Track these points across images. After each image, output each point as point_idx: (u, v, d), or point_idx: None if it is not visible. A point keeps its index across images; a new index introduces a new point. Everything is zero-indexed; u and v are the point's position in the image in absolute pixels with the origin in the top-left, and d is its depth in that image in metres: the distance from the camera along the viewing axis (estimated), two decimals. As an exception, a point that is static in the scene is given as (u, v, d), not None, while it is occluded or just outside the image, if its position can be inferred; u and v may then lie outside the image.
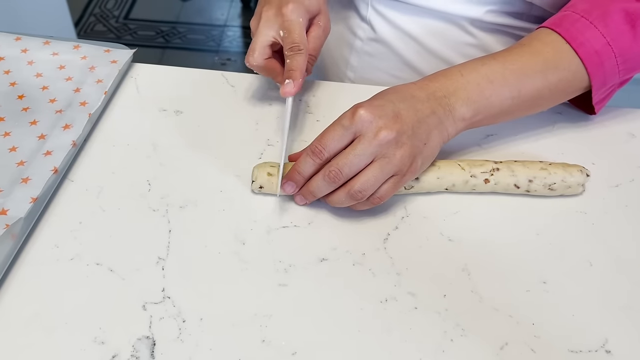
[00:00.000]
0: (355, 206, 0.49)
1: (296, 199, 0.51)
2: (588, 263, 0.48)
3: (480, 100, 0.50)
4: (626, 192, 0.54)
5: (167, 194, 0.51)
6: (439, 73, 0.51)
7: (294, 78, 0.52)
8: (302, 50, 0.52)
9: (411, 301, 0.45)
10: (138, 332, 0.42)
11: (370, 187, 0.46)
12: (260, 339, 0.42)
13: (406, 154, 0.46)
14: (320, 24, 0.56)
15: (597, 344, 0.43)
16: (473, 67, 0.51)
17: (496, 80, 0.50)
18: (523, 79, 0.51)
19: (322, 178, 0.47)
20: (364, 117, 0.46)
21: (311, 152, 0.47)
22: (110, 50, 0.63)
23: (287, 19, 0.53)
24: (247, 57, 0.55)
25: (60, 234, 0.48)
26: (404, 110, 0.47)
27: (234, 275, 0.46)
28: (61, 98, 0.57)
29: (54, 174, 0.50)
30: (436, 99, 0.49)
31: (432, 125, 0.48)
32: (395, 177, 0.47)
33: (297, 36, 0.52)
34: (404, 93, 0.49)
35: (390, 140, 0.46)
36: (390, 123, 0.46)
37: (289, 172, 0.49)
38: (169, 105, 0.60)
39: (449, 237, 0.50)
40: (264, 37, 0.54)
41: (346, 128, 0.46)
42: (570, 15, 0.52)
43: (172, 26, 2.41)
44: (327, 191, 0.48)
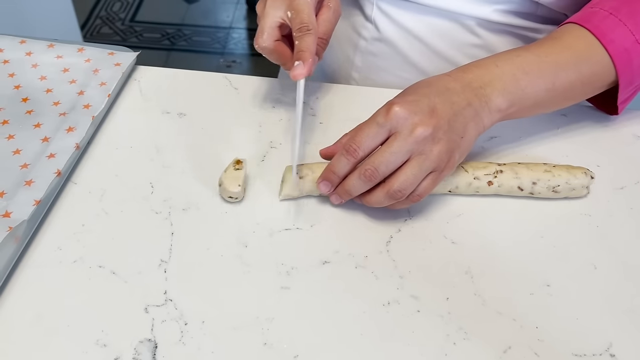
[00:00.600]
0: (394, 205, 0.48)
1: (331, 198, 0.51)
2: (592, 266, 0.48)
3: (516, 91, 0.49)
4: (631, 194, 0.53)
5: (170, 197, 0.52)
6: (473, 64, 0.50)
7: (304, 59, 0.49)
8: (311, 31, 0.49)
9: (414, 304, 0.45)
10: (140, 335, 0.42)
11: (410, 185, 0.46)
12: (262, 342, 0.42)
13: (444, 150, 0.46)
14: (330, 5, 0.54)
15: (602, 347, 0.43)
16: (507, 58, 0.50)
17: (532, 72, 0.49)
18: (557, 71, 0.50)
19: (357, 177, 0.47)
20: (399, 113, 0.45)
21: (345, 151, 0.47)
22: (114, 53, 0.63)
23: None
24: (256, 39, 0.52)
25: (63, 237, 0.48)
26: (439, 104, 0.46)
27: (236, 278, 0.46)
28: (65, 101, 0.58)
29: (57, 176, 0.50)
30: (472, 89, 0.48)
31: (468, 118, 0.47)
32: (433, 173, 0.47)
33: (306, 16, 0.50)
34: (439, 86, 0.48)
35: (427, 137, 0.45)
36: (426, 119, 0.45)
37: (324, 172, 0.49)
38: (172, 108, 0.60)
39: (452, 240, 0.49)
40: (271, 18, 0.51)
41: (381, 125, 0.46)
42: (598, 12, 0.51)
43: (177, 28, 2.41)
44: (363, 190, 0.48)
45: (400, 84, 0.68)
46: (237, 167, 0.50)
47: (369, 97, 0.62)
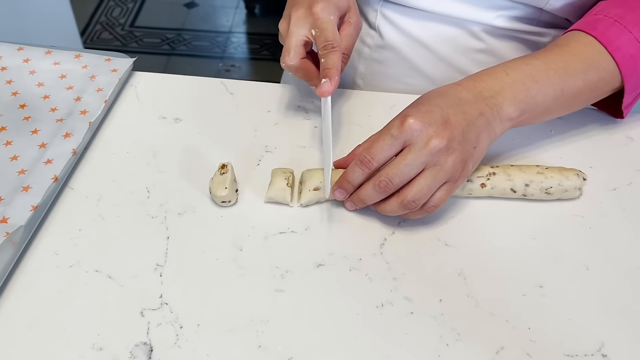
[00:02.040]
0: (409, 215, 0.49)
1: (346, 205, 0.51)
2: (585, 267, 0.48)
3: (526, 99, 0.49)
4: (624, 195, 0.54)
5: (166, 201, 0.52)
6: (484, 72, 0.51)
7: (331, 77, 0.50)
8: (336, 48, 0.51)
9: (407, 306, 0.45)
10: (136, 338, 0.43)
11: (424, 196, 0.46)
12: (256, 344, 0.43)
13: (458, 160, 0.46)
14: (351, 21, 0.55)
15: (594, 348, 0.43)
16: (517, 66, 0.51)
17: (541, 80, 0.50)
18: (566, 78, 0.51)
19: (372, 187, 0.47)
20: (413, 125, 0.45)
21: (360, 162, 0.47)
22: (110, 59, 0.64)
23: (319, 18, 0.51)
24: (283, 57, 0.53)
25: (60, 242, 0.48)
26: (452, 115, 0.46)
27: (231, 281, 0.46)
28: (62, 107, 0.58)
29: (54, 182, 0.51)
30: (483, 99, 0.48)
31: (481, 128, 0.48)
32: (448, 183, 0.47)
33: (330, 34, 0.51)
34: (451, 96, 0.48)
35: (442, 149, 0.45)
36: (440, 130, 0.45)
37: (339, 179, 0.49)
38: (168, 113, 0.61)
39: (445, 242, 0.50)
40: (296, 37, 0.52)
41: (395, 137, 0.46)
42: (603, 19, 0.52)
43: (177, 33, 2.43)
44: (377, 199, 0.48)
45: (405, 90, 0.69)
46: (223, 171, 0.51)
47: (367, 101, 0.63)
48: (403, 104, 0.61)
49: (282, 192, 0.51)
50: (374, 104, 0.62)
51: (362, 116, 0.61)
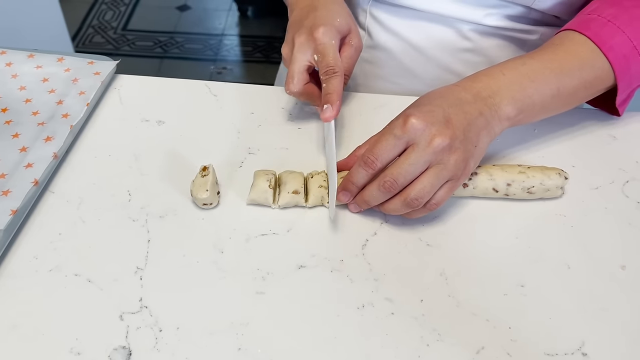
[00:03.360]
0: (411, 214, 0.49)
1: (350, 207, 0.51)
2: (566, 266, 0.48)
3: (523, 98, 0.50)
4: (606, 194, 0.54)
5: (148, 204, 0.52)
6: (481, 73, 0.51)
7: (332, 102, 0.51)
8: (338, 73, 0.52)
9: (388, 307, 0.45)
10: (114, 342, 0.42)
11: (427, 194, 0.46)
12: (236, 347, 0.43)
13: (460, 159, 0.46)
14: (352, 43, 0.56)
15: (574, 346, 0.43)
16: (513, 66, 0.51)
17: (537, 79, 0.50)
18: (562, 77, 0.51)
19: (376, 188, 0.47)
20: (416, 125, 0.46)
21: (363, 163, 0.47)
22: (94, 62, 0.64)
23: (320, 43, 0.53)
24: (287, 85, 0.55)
25: (39, 246, 0.48)
26: (453, 114, 0.47)
27: (211, 284, 0.46)
28: (44, 110, 0.58)
29: (35, 186, 0.50)
30: (482, 99, 0.49)
31: (480, 127, 0.48)
32: (450, 182, 0.47)
33: (331, 59, 0.52)
34: (451, 96, 0.49)
35: (445, 147, 0.45)
36: (442, 129, 0.46)
37: (343, 182, 0.49)
38: (151, 116, 0.61)
39: (427, 242, 0.50)
40: (299, 63, 0.54)
41: (398, 137, 0.46)
42: (597, 19, 0.53)
43: (170, 36, 2.42)
44: (382, 200, 0.48)
45: (396, 90, 0.69)
46: (204, 173, 0.51)
47: (350, 103, 0.63)
48: (390, 104, 0.62)
49: (264, 193, 0.51)
50: (361, 104, 0.62)
51: (351, 116, 0.61)
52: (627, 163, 0.57)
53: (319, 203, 0.51)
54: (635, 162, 0.57)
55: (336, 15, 0.55)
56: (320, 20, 0.54)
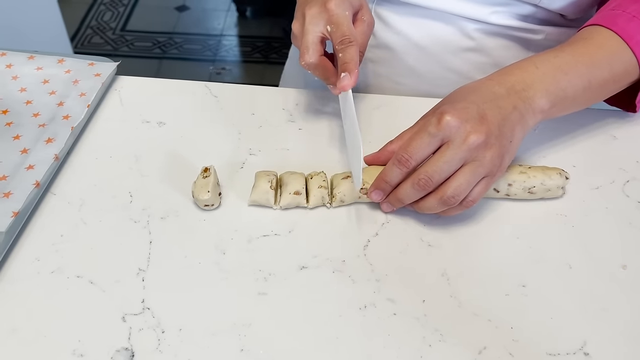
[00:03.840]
0: (447, 211, 0.49)
1: (383, 207, 0.51)
2: (567, 266, 0.48)
3: (557, 91, 0.50)
4: (607, 194, 0.54)
5: (149, 205, 0.52)
6: (513, 66, 0.51)
7: (350, 70, 0.50)
8: (353, 42, 0.51)
9: (390, 307, 0.45)
10: (117, 344, 0.42)
11: (463, 191, 0.46)
12: (239, 348, 0.43)
13: (495, 155, 0.46)
14: (364, 18, 0.55)
15: (576, 346, 0.43)
16: (546, 59, 0.51)
17: (570, 72, 0.51)
18: (593, 70, 0.51)
19: (411, 186, 0.47)
20: (451, 123, 0.45)
21: (397, 162, 0.47)
22: (94, 63, 0.64)
23: (334, 13, 0.52)
24: (302, 56, 0.53)
25: (41, 248, 0.48)
26: (488, 110, 0.47)
27: (213, 285, 0.46)
28: (45, 112, 0.58)
29: (36, 187, 0.50)
30: (516, 92, 0.49)
31: (515, 122, 0.48)
32: (486, 178, 0.47)
33: (347, 29, 0.51)
34: (484, 91, 0.48)
35: (480, 144, 0.45)
36: (477, 126, 0.46)
37: (376, 181, 0.49)
38: (152, 117, 0.61)
39: (428, 243, 0.50)
40: (313, 34, 0.53)
41: (433, 135, 0.46)
42: (622, 14, 0.53)
43: (168, 37, 2.42)
44: (416, 198, 0.48)
45: (398, 89, 0.69)
46: (205, 174, 0.51)
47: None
48: (390, 104, 0.62)
49: (265, 194, 0.51)
50: (360, 104, 0.62)
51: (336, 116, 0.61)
52: (628, 163, 0.57)
53: (319, 203, 0.52)
54: (636, 162, 0.57)
55: None
56: None
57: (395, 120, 0.56)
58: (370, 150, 0.54)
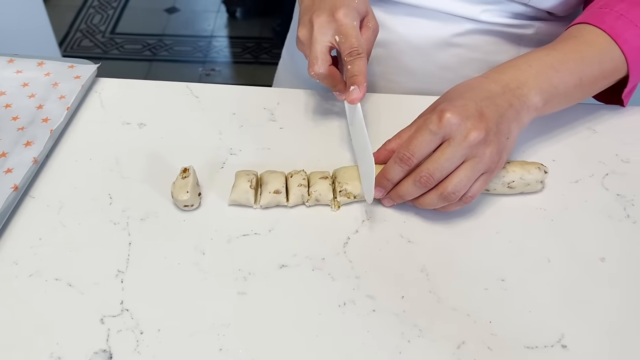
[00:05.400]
0: (446, 207, 0.49)
1: (384, 202, 0.52)
2: (546, 259, 0.48)
3: (549, 89, 0.51)
4: (586, 187, 0.54)
5: (129, 207, 0.52)
6: (507, 64, 0.52)
7: (359, 83, 0.51)
8: (362, 54, 0.51)
9: (370, 304, 0.45)
10: (95, 346, 0.42)
11: (463, 187, 0.47)
12: (217, 347, 0.43)
13: (494, 151, 0.47)
14: (369, 25, 0.56)
15: (554, 339, 0.43)
16: (538, 57, 0.52)
17: (562, 70, 0.51)
18: (584, 67, 0.52)
19: (412, 183, 0.48)
20: (451, 120, 0.46)
21: (399, 160, 0.48)
22: (74, 66, 0.64)
23: (342, 24, 0.52)
24: (311, 66, 0.53)
25: (19, 251, 0.48)
26: (485, 107, 0.47)
27: (193, 285, 0.46)
28: (24, 115, 0.58)
29: (14, 191, 0.50)
30: (511, 90, 0.49)
31: (511, 119, 0.48)
32: (485, 174, 0.48)
33: (355, 40, 0.51)
34: (480, 89, 0.49)
35: (480, 141, 0.46)
36: (477, 123, 0.46)
37: (377, 178, 0.50)
38: (132, 119, 0.60)
39: (408, 239, 0.50)
40: (321, 44, 0.53)
41: (434, 133, 0.47)
42: (609, 12, 0.54)
43: (158, 39, 2.42)
44: (417, 194, 0.49)
45: (391, 87, 0.70)
46: (184, 175, 0.51)
47: (329, 102, 0.63)
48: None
49: (245, 194, 0.51)
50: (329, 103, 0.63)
51: (316, 116, 0.61)
52: (607, 156, 0.57)
53: (299, 202, 0.52)
54: (615, 155, 0.57)
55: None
56: (340, 2, 0.53)
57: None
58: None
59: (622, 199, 0.53)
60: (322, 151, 0.57)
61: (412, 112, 0.53)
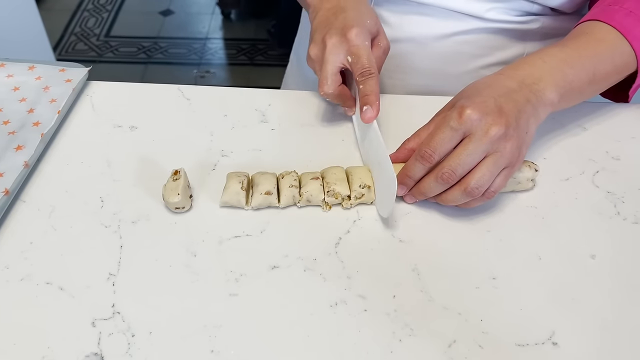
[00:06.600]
0: (469, 203, 0.50)
1: (406, 199, 0.52)
2: (537, 257, 0.49)
3: (564, 84, 0.51)
4: (576, 184, 0.54)
5: (120, 210, 0.52)
6: (521, 61, 0.52)
7: (371, 103, 0.51)
8: (374, 74, 0.52)
9: (361, 304, 0.45)
10: (86, 349, 0.42)
11: (486, 182, 0.47)
12: (209, 349, 0.43)
13: (515, 146, 0.47)
14: (380, 44, 0.57)
15: (544, 336, 0.43)
16: (552, 53, 0.52)
17: (575, 65, 0.52)
18: (596, 63, 0.53)
19: (434, 180, 0.48)
20: (472, 116, 0.46)
21: (420, 157, 0.48)
22: (65, 69, 0.64)
23: (354, 44, 0.53)
24: (321, 86, 0.54)
25: (10, 255, 0.48)
26: (504, 103, 0.48)
27: (184, 287, 0.46)
28: (14, 119, 0.58)
29: (5, 195, 0.50)
30: (527, 86, 0.50)
31: (529, 114, 0.49)
32: (506, 169, 0.48)
33: (367, 61, 0.52)
34: (498, 86, 0.50)
35: (501, 136, 0.46)
36: (497, 118, 0.47)
37: (399, 176, 0.50)
38: (124, 122, 0.60)
39: (399, 239, 0.50)
40: (333, 65, 0.53)
41: (455, 129, 0.47)
42: (619, 10, 0.54)
43: (153, 41, 2.42)
44: (439, 191, 0.49)
45: (395, 85, 0.70)
46: (175, 177, 0.51)
47: (320, 102, 0.63)
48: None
49: (236, 195, 0.51)
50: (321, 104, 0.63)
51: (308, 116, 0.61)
52: (597, 153, 0.57)
53: (291, 203, 0.52)
54: (605, 153, 0.58)
55: (366, 17, 0.55)
56: (352, 22, 0.53)
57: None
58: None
59: (612, 196, 0.54)
60: (313, 152, 0.57)
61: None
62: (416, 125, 0.53)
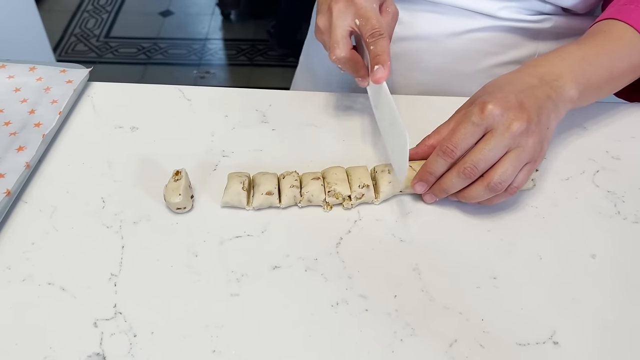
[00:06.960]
0: (492, 199, 0.50)
1: (425, 198, 0.52)
2: (538, 257, 0.49)
3: (584, 81, 0.51)
4: (577, 184, 0.55)
5: (121, 210, 0.52)
6: (540, 59, 0.53)
7: (383, 62, 0.50)
8: (384, 34, 0.51)
9: (362, 303, 0.45)
10: (88, 350, 0.42)
11: (509, 177, 0.47)
12: (211, 349, 0.43)
13: (537, 141, 0.48)
14: (388, 10, 0.55)
15: (545, 336, 0.43)
16: (570, 51, 0.53)
17: (594, 63, 0.52)
18: (614, 61, 0.53)
19: (456, 175, 0.48)
20: (494, 111, 0.47)
21: (442, 153, 0.48)
22: (66, 70, 0.64)
23: (361, 7, 0.51)
24: (333, 51, 0.52)
25: (12, 256, 0.48)
26: (525, 99, 0.48)
27: (185, 287, 0.46)
28: (16, 120, 0.58)
29: (7, 196, 0.50)
30: (547, 82, 0.50)
31: (550, 110, 0.49)
32: (528, 164, 0.48)
33: (376, 21, 0.51)
34: (518, 82, 0.50)
35: (523, 131, 0.46)
36: (519, 114, 0.47)
37: (419, 173, 0.50)
38: (125, 122, 0.61)
39: (400, 238, 0.50)
40: (341, 29, 0.52)
41: (477, 125, 0.47)
42: (635, 9, 0.55)
43: (153, 42, 2.42)
44: (461, 187, 0.49)
45: (404, 83, 0.70)
46: (177, 177, 0.51)
47: (321, 102, 0.63)
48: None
49: (237, 196, 0.51)
50: (321, 103, 0.63)
51: (309, 116, 0.61)
52: (598, 153, 0.58)
53: (292, 203, 0.52)
54: (606, 152, 0.58)
55: None
56: None
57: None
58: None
59: (612, 195, 0.54)
60: (314, 152, 0.57)
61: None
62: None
